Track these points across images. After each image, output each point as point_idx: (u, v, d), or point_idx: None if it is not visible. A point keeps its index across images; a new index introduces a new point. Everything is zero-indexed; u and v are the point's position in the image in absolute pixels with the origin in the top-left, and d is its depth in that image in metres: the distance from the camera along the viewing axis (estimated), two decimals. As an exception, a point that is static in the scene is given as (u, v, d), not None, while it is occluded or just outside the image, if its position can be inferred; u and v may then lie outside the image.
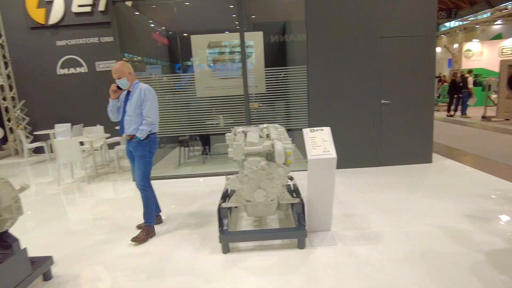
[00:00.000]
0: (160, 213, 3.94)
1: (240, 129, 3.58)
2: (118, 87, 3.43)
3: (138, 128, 3.40)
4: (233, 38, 8.22)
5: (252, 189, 3.04)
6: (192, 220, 3.95)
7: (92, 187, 5.70)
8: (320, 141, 2.92)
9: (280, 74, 5.93)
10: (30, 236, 3.82)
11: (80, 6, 8.19)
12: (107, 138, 6.99)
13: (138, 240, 3.42)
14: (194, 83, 6.48)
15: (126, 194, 5.23)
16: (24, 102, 8.59)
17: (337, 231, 3.42)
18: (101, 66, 8.43)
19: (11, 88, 8.43)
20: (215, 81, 7.10)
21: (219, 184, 5.30)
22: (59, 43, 8.44)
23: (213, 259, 3.03)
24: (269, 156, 3.12)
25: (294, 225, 3.24)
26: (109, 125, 7.00)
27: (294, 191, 3.56)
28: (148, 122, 3.39)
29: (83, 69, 8.50)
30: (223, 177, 5.51)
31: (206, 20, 8.30)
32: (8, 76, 8.40)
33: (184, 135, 6.93)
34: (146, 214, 3.54)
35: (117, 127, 3.67)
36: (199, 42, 8.20)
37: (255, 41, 7.80)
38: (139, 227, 3.74)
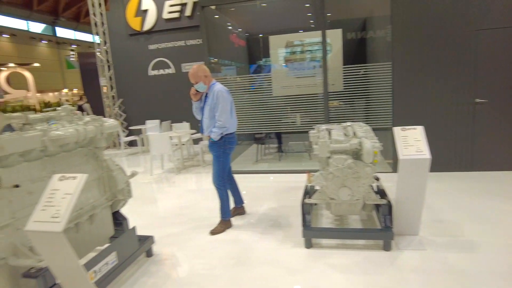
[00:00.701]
0: (244, 204, 4.15)
1: (323, 126, 3.60)
2: (197, 90, 3.57)
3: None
4: (311, 37, 8.23)
5: (336, 187, 3.06)
6: (272, 214, 4.09)
7: (179, 178, 6.23)
8: (412, 141, 2.80)
9: (360, 72, 5.78)
10: (129, 218, 4.34)
11: (169, 12, 8.96)
12: (192, 134, 7.55)
13: (215, 232, 3.65)
14: (270, 82, 6.66)
15: (208, 186, 5.60)
16: (122, 100, 9.70)
17: (425, 236, 3.24)
18: (186, 67, 9.11)
19: (112, 88, 9.59)
20: (292, 80, 7.20)
21: (294, 181, 5.39)
22: (151, 47, 9.33)
23: (296, 253, 3.12)
24: (355, 154, 3.09)
25: (378, 227, 3.16)
26: (194, 121, 7.57)
27: (380, 192, 3.46)
28: (219, 125, 3.46)
29: (171, 70, 9.29)
30: (299, 174, 5.61)
31: (282, 20, 8.42)
32: (110, 78, 9.57)
33: (260, 133, 7.16)
34: (222, 210, 3.74)
35: (200, 125, 3.87)
36: (276, 42, 8.37)
37: (333, 38, 7.70)
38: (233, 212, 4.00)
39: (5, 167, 2.13)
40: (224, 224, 3.72)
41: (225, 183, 3.74)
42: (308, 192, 3.80)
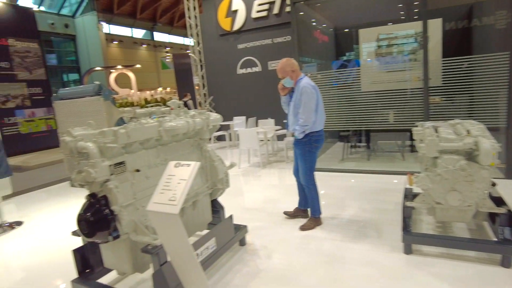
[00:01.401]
0: (308, 209, 3.99)
1: (428, 124, 3.29)
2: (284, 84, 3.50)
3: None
4: (404, 29, 7.61)
5: (445, 191, 2.76)
6: (363, 215, 3.90)
7: (264, 172, 6.37)
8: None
9: (463, 64, 5.14)
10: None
11: (258, 11, 9.19)
12: (276, 130, 7.65)
13: (305, 229, 3.61)
14: (359, 77, 6.35)
15: (291, 181, 5.60)
16: (212, 97, 10.31)
17: (557, 255, 2.74)
18: (272, 65, 9.26)
19: (203, 86, 10.25)
20: (383, 75, 6.76)
21: (384, 182, 5.07)
22: (240, 46, 9.70)
23: (395, 257, 2.91)
24: (468, 155, 2.75)
25: (491, 238, 2.77)
26: (279, 118, 7.66)
27: (495, 199, 3.03)
28: (301, 123, 3.35)
29: (258, 68, 9.53)
30: (390, 175, 5.25)
31: (371, 13, 7.97)
32: (202, 77, 10.24)
33: (347, 130, 6.90)
34: (313, 207, 3.68)
35: (285, 121, 3.82)
36: (366, 36, 7.95)
37: (432, 29, 6.99)
38: (286, 213, 3.95)
39: (129, 153, 2.41)
40: (315, 221, 3.67)
41: (314, 180, 3.66)
42: (407, 195, 3.52)
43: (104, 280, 2.73)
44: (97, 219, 2.19)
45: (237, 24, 9.53)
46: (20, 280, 3.13)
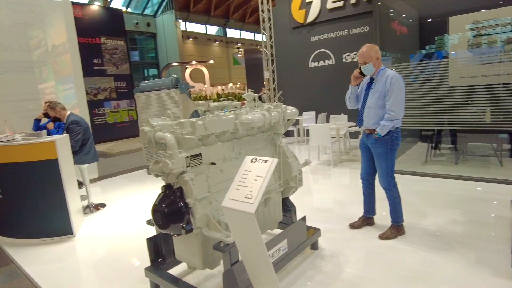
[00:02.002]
0: (374, 216, 3.61)
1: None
2: (361, 73, 3.17)
3: (378, 123, 3.07)
4: (505, 14, 6.54)
5: None
6: (453, 228, 3.39)
7: (334, 171, 6.02)
8: None
9: None
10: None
11: (334, 2, 8.73)
12: (349, 127, 7.20)
13: (385, 238, 3.25)
14: (446, 70, 5.60)
15: (370, 184, 5.19)
16: (282, 92, 10.15)
17: None
18: (348, 57, 8.75)
19: (274, 81, 10.14)
20: (477, 68, 5.88)
21: (478, 190, 4.43)
22: (313, 39, 9.34)
23: (500, 285, 2.43)
24: None
25: None
26: (353, 114, 7.19)
27: None
28: (391, 116, 2.99)
29: (331, 61, 9.09)
30: (483, 183, 4.54)
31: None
32: (273, 71, 10.13)
33: (431, 129, 6.19)
34: (394, 213, 3.29)
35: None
36: (457, 23, 7.02)
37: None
38: (352, 225, 3.57)
39: (205, 145, 2.35)
40: (396, 230, 3.28)
41: (395, 182, 3.28)
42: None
43: (174, 271, 2.75)
44: (171, 211, 2.16)
45: (311, 16, 9.18)
46: (101, 258, 3.33)
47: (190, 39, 29.14)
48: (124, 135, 12.53)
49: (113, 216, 4.46)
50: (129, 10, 24.03)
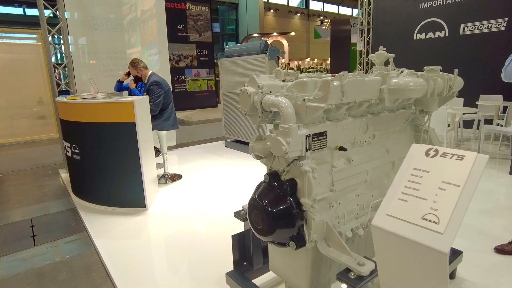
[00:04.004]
0: None
1: None
2: None
3: None
4: None
5: None
6: None
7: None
8: None
9: None
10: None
11: (459, -42, 7.02)
12: (464, 113, 5.79)
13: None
14: None
15: (488, 187, 3.95)
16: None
17: None
18: (467, 29, 7.08)
19: (367, 54, 8.85)
20: None
21: None
22: (423, 5, 7.78)
23: None
24: None
25: None
26: (470, 97, 5.78)
27: None
28: None
29: (443, 33, 7.49)
30: None
31: None
32: (368, 42, 8.81)
33: None
34: None
35: None
36: None
37: None
38: (501, 250, 2.52)
39: (333, 120, 1.57)
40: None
41: None
42: None
43: (261, 281, 2.11)
44: (279, 212, 1.46)
45: (425, -23, 7.59)
46: (173, 241, 2.86)
47: (271, 10, 28.10)
48: (202, 104, 12.43)
49: (189, 191, 4.01)
50: (213, -23, 23.73)
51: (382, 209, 1.14)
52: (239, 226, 2.08)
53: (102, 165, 3.40)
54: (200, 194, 3.89)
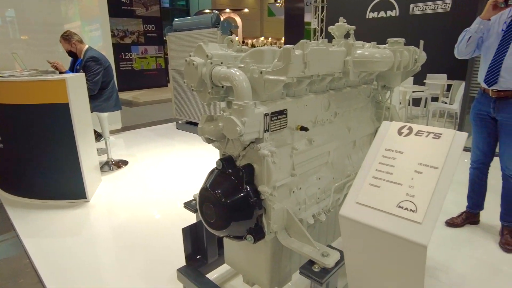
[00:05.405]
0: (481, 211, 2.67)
1: None
2: (505, 2, 2.10)
3: None
4: None
5: None
6: None
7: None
8: None
9: None
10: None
11: None
12: (414, 91, 5.99)
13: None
14: None
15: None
16: (330, 46, 8.86)
17: None
18: (416, 9, 7.25)
19: (322, 31, 8.80)
20: None
21: None
22: (376, -17, 7.83)
23: None
24: None
25: None
26: (418, 76, 5.96)
27: None
28: None
29: (394, 12, 7.62)
30: None
31: None
32: (322, 20, 8.75)
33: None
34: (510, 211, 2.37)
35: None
36: None
37: None
38: (451, 223, 2.64)
39: (293, 96, 1.39)
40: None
41: None
42: None
43: (215, 274, 1.95)
44: (234, 203, 1.27)
45: (376, -46, 7.60)
46: (118, 235, 2.58)
47: (221, -15, 27.08)
48: (151, 84, 11.70)
49: (137, 178, 3.68)
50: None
51: (351, 196, 0.99)
52: (192, 216, 1.87)
53: (31, 153, 2.95)
54: (148, 182, 3.59)
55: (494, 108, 2.28)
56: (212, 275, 1.94)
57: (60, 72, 3.61)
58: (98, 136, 3.89)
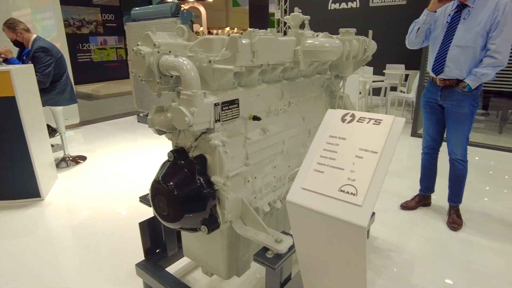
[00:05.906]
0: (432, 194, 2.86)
1: None
2: None
3: (470, 71, 2.21)
4: None
5: None
6: (542, 218, 2.63)
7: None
8: None
9: None
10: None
11: None
12: (374, 81, 6.20)
13: (457, 225, 2.50)
14: None
15: (402, 153, 4.34)
16: (294, 37, 8.92)
17: None
18: (375, 0, 7.47)
19: (285, 23, 8.84)
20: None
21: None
22: (337, -26, 7.96)
23: None
24: None
25: None
26: (377, 66, 6.18)
27: None
28: (495, 62, 2.14)
29: (355, 4, 7.81)
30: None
31: None
32: (285, 11, 8.78)
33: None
34: (458, 193, 2.57)
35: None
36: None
37: None
38: (405, 206, 2.80)
39: (245, 86, 1.39)
40: (460, 213, 2.58)
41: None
42: None
43: (176, 268, 1.94)
44: (186, 195, 1.26)
45: None
46: (76, 233, 2.48)
47: (186, -26, 26.38)
48: (112, 76, 11.25)
49: (95, 174, 3.55)
50: None
51: (297, 182, 1.02)
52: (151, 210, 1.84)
53: (-25, 151, 2.76)
54: (107, 177, 3.47)
55: (441, 96, 2.41)
56: (172, 268, 1.92)
57: (5, 60, 3.37)
58: (53, 131, 3.70)
